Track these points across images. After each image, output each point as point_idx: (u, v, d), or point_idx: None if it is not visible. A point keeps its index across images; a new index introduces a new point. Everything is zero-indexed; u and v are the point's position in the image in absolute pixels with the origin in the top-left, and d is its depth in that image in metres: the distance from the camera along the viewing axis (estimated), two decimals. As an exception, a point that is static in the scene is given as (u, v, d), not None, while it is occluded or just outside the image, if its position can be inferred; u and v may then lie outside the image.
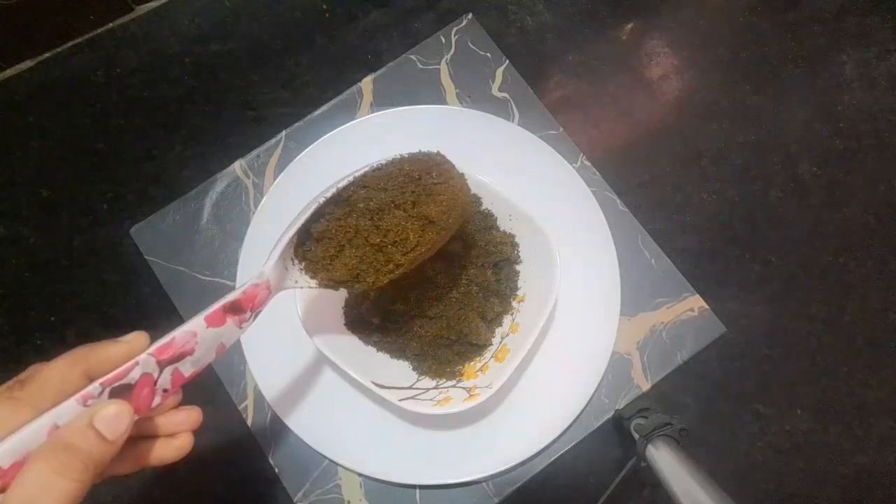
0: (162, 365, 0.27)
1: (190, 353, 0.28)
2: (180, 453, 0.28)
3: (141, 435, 0.28)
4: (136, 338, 0.27)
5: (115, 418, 0.24)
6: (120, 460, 0.25)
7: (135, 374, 0.26)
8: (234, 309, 0.30)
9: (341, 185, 0.35)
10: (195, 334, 0.29)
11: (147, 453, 0.28)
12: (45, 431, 0.23)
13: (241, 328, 0.31)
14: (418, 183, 0.36)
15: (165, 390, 0.27)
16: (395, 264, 0.35)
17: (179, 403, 0.29)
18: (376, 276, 0.35)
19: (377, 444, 0.45)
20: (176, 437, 0.28)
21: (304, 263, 0.35)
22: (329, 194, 0.35)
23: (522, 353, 0.41)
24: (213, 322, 0.29)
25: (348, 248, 0.35)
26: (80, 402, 0.24)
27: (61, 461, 0.22)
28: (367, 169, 0.36)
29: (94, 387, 0.25)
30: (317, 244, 0.35)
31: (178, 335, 0.28)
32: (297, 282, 0.35)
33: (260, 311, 0.32)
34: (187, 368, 0.28)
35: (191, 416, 0.29)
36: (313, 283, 0.36)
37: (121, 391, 0.25)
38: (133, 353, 0.26)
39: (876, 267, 0.51)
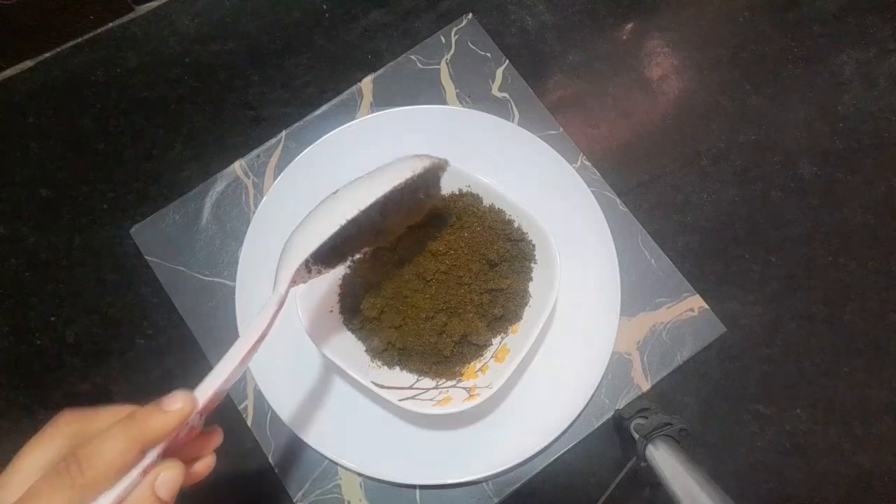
0: (202, 414, 0.28)
1: (223, 392, 0.29)
2: (208, 469, 0.29)
3: None
4: (185, 405, 0.26)
5: (172, 480, 0.25)
6: None
7: (183, 431, 0.27)
8: (261, 339, 0.31)
9: (350, 215, 0.35)
10: (230, 379, 0.29)
11: None
12: None
13: (258, 349, 0.32)
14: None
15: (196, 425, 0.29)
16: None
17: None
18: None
19: (377, 444, 0.45)
20: (202, 459, 0.29)
21: (316, 269, 0.37)
22: (346, 218, 0.34)
23: (522, 353, 0.41)
24: (246, 361, 0.30)
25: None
26: (141, 475, 0.25)
27: None
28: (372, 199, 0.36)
29: (152, 456, 0.25)
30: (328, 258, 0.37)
31: (219, 387, 0.28)
32: (306, 278, 0.36)
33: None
34: (215, 400, 0.29)
35: (214, 438, 0.30)
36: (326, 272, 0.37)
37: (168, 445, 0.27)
38: (184, 420, 0.26)
39: (876, 267, 0.51)
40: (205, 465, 0.29)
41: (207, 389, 0.28)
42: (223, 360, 0.29)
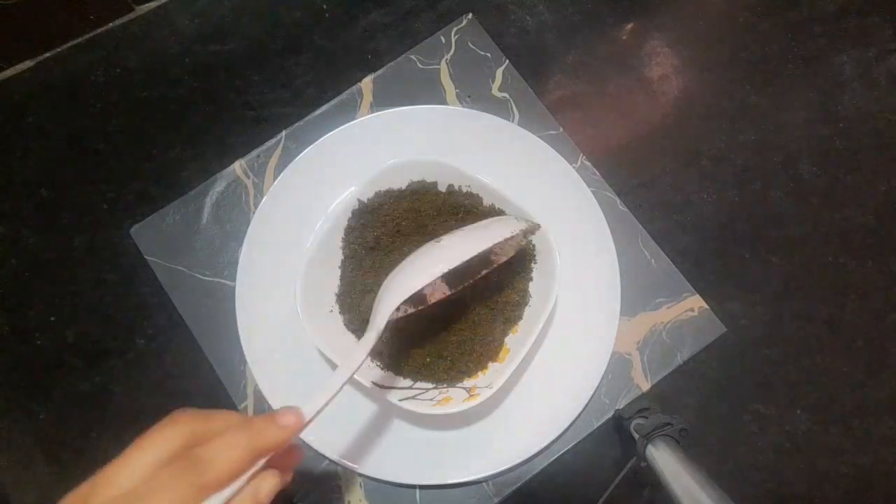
0: None
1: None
2: (287, 484, 0.31)
3: None
4: (298, 420, 0.29)
5: (273, 489, 0.27)
6: None
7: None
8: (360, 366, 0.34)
9: (454, 264, 0.37)
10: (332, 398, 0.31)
11: None
12: None
13: None
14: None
15: None
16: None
17: None
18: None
19: (377, 444, 0.45)
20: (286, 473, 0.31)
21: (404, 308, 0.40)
22: (443, 271, 0.37)
23: (522, 353, 0.41)
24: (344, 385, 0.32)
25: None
26: (248, 481, 0.27)
27: None
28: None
29: (260, 465, 0.27)
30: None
31: (329, 400, 0.31)
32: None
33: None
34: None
35: (297, 456, 0.31)
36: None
37: None
38: (294, 435, 0.29)
39: (876, 267, 0.51)
40: (287, 478, 0.30)
41: (313, 409, 0.30)
42: (330, 382, 0.32)
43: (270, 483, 0.27)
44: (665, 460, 0.38)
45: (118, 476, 0.25)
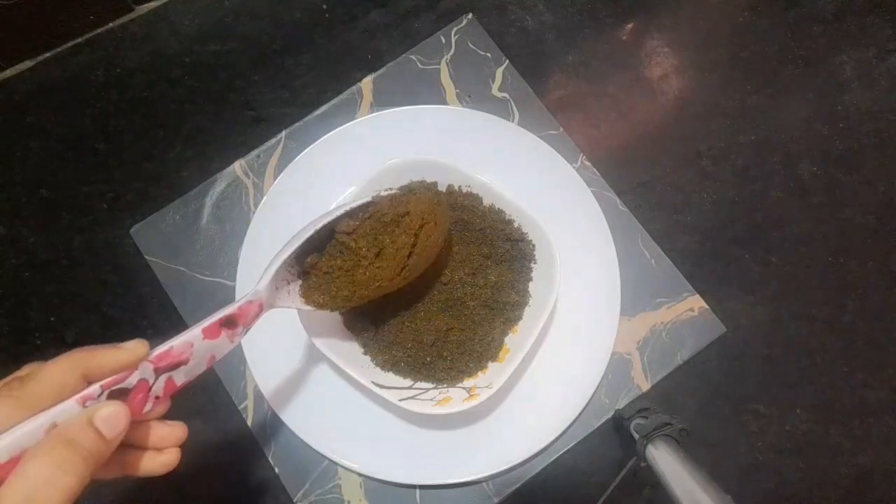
0: (158, 372, 0.28)
1: (185, 362, 0.29)
2: (166, 468, 0.29)
3: (129, 444, 0.29)
4: (137, 346, 0.27)
5: (114, 418, 0.25)
6: (106, 465, 0.25)
7: (133, 379, 0.27)
8: (229, 323, 0.32)
9: (328, 219, 0.38)
10: (191, 345, 0.29)
11: (133, 462, 0.29)
12: (43, 430, 0.23)
13: (232, 342, 0.32)
14: (398, 225, 0.38)
15: (157, 397, 0.28)
16: (379, 285, 0.39)
17: (166, 416, 0.30)
18: (362, 295, 0.39)
19: (377, 445, 0.45)
20: (162, 453, 0.29)
21: (294, 288, 0.38)
22: (319, 226, 0.37)
23: (522, 353, 0.41)
24: (209, 334, 0.30)
25: (338, 281, 0.38)
26: (80, 403, 0.25)
27: (63, 456, 0.22)
28: (351, 206, 0.39)
29: (95, 388, 0.25)
30: (307, 274, 0.38)
31: (176, 344, 0.29)
32: (287, 303, 0.37)
33: (250, 328, 0.33)
34: (180, 378, 0.29)
35: (175, 431, 0.29)
36: (303, 306, 0.38)
37: (118, 394, 0.26)
38: (134, 361, 0.27)
39: (876, 267, 0.51)
40: (164, 459, 0.29)
41: (163, 346, 0.28)
42: (188, 331, 0.30)
43: (110, 410, 0.24)
44: (665, 460, 0.38)
45: None
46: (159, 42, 0.53)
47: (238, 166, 0.50)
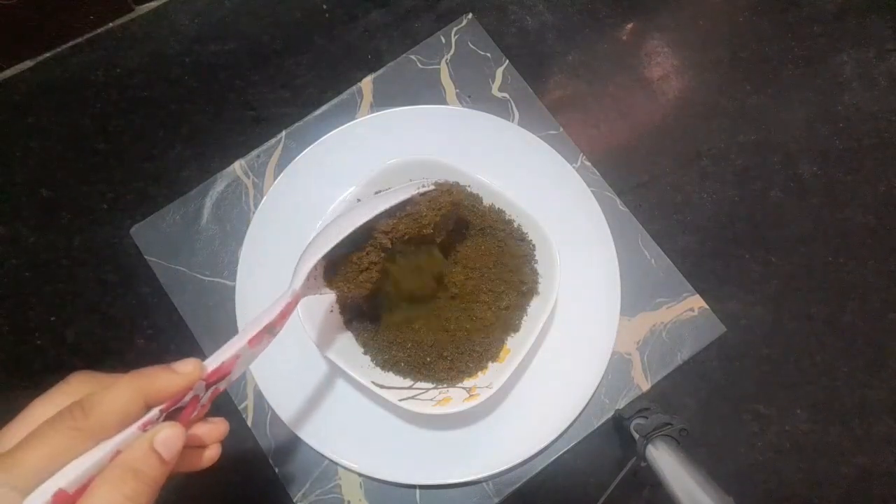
0: (208, 386, 0.29)
1: (229, 373, 0.30)
2: (210, 462, 0.30)
3: None
4: (194, 369, 0.27)
5: (171, 440, 0.25)
6: None
7: (187, 398, 0.27)
8: (271, 328, 0.32)
9: (366, 217, 0.37)
10: (238, 356, 0.30)
11: (180, 462, 0.29)
12: (109, 458, 0.24)
13: (270, 343, 0.32)
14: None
15: (203, 405, 0.29)
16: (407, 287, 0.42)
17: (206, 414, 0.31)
18: (386, 289, 0.41)
19: (377, 444, 0.45)
20: (207, 448, 0.30)
21: (317, 274, 0.38)
22: (358, 224, 0.37)
23: (522, 353, 0.41)
24: (254, 343, 0.31)
25: (367, 272, 0.39)
26: (141, 429, 0.25)
27: (130, 486, 0.23)
28: (391, 204, 0.39)
29: (154, 413, 0.26)
30: (336, 265, 0.39)
31: (226, 359, 0.29)
32: (313, 290, 0.38)
33: (285, 324, 0.34)
34: (223, 385, 0.30)
35: (219, 427, 0.30)
36: (326, 291, 0.39)
37: (173, 412, 0.27)
38: (191, 383, 0.27)
39: (876, 267, 0.51)
40: (210, 453, 0.30)
41: (214, 361, 0.29)
42: (233, 339, 0.30)
43: (169, 432, 0.25)
44: (665, 460, 0.38)
45: (4, 437, 0.24)
46: (159, 42, 0.53)
47: (238, 166, 0.50)
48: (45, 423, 0.23)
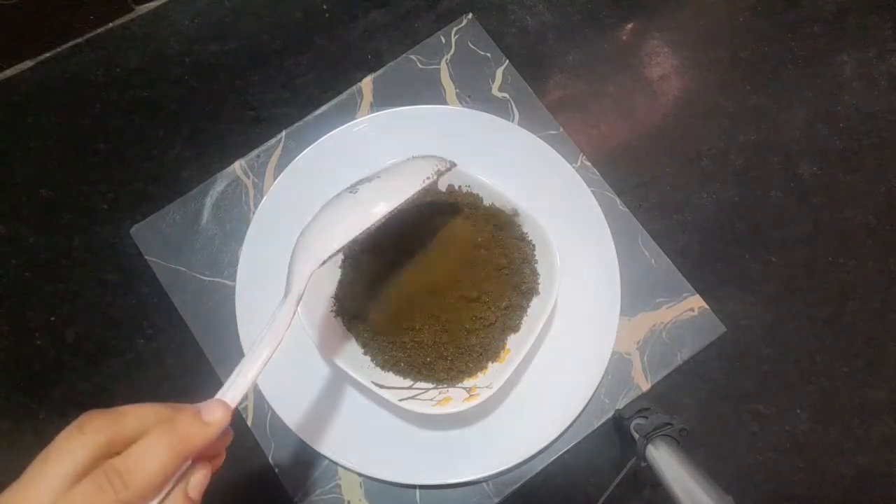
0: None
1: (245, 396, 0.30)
2: (215, 470, 0.29)
3: None
4: (224, 416, 0.27)
5: (201, 482, 0.26)
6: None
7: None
8: (280, 341, 0.32)
9: (376, 219, 0.35)
10: (254, 382, 0.30)
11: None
12: None
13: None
14: None
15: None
16: None
17: None
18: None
19: (377, 444, 0.45)
20: (217, 456, 0.30)
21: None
22: (360, 229, 0.34)
23: (522, 353, 0.41)
24: (265, 365, 0.31)
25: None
26: (177, 481, 0.25)
27: None
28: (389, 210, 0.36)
29: (188, 463, 0.26)
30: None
31: (247, 390, 0.30)
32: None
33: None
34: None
35: (227, 438, 0.31)
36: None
37: None
38: (221, 429, 0.27)
39: (876, 267, 0.51)
40: (219, 461, 0.30)
41: (236, 396, 0.29)
42: (246, 363, 0.30)
43: (198, 477, 0.26)
44: (665, 460, 0.38)
45: (27, 499, 0.22)
46: (159, 42, 0.53)
47: (238, 166, 0.50)
48: (79, 495, 0.22)
